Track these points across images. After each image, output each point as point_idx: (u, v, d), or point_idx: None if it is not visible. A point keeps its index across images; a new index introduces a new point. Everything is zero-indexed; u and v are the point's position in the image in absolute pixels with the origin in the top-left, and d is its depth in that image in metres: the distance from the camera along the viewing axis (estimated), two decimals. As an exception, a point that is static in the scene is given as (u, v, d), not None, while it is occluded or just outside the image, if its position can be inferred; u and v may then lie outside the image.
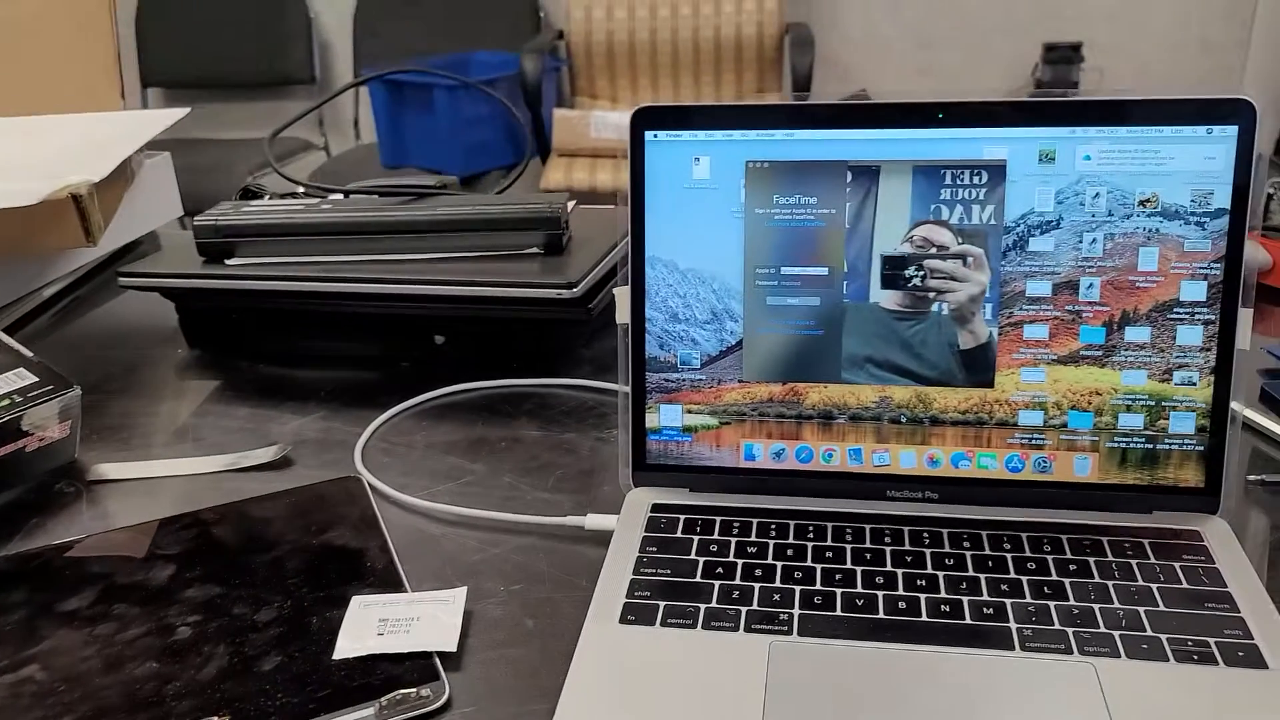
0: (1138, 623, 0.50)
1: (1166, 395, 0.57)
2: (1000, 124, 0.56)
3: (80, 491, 0.70)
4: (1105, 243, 0.56)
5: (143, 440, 0.77)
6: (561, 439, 0.74)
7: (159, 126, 1.03)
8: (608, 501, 0.66)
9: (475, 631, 0.54)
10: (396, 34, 3.25)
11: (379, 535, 0.62)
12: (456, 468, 0.71)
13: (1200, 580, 0.53)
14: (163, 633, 0.54)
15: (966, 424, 0.59)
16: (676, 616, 0.53)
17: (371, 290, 0.81)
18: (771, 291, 0.60)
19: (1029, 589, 0.53)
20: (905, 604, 0.53)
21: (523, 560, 0.60)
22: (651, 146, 0.60)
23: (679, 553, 0.57)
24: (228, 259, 0.85)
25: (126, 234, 1.10)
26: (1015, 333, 0.58)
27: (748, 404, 0.61)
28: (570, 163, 2.85)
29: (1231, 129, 0.54)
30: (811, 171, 0.58)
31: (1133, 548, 0.56)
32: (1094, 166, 0.56)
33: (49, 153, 0.95)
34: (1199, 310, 0.56)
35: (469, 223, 0.83)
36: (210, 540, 0.62)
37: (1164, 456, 0.58)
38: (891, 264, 0.58)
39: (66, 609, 0.57)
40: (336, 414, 0.79)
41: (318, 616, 0.55)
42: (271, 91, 3.44)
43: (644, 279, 0.61)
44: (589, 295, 0.79)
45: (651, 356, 0.62)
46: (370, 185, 0.91)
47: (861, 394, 0.60)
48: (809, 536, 0.58)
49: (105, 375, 0.87)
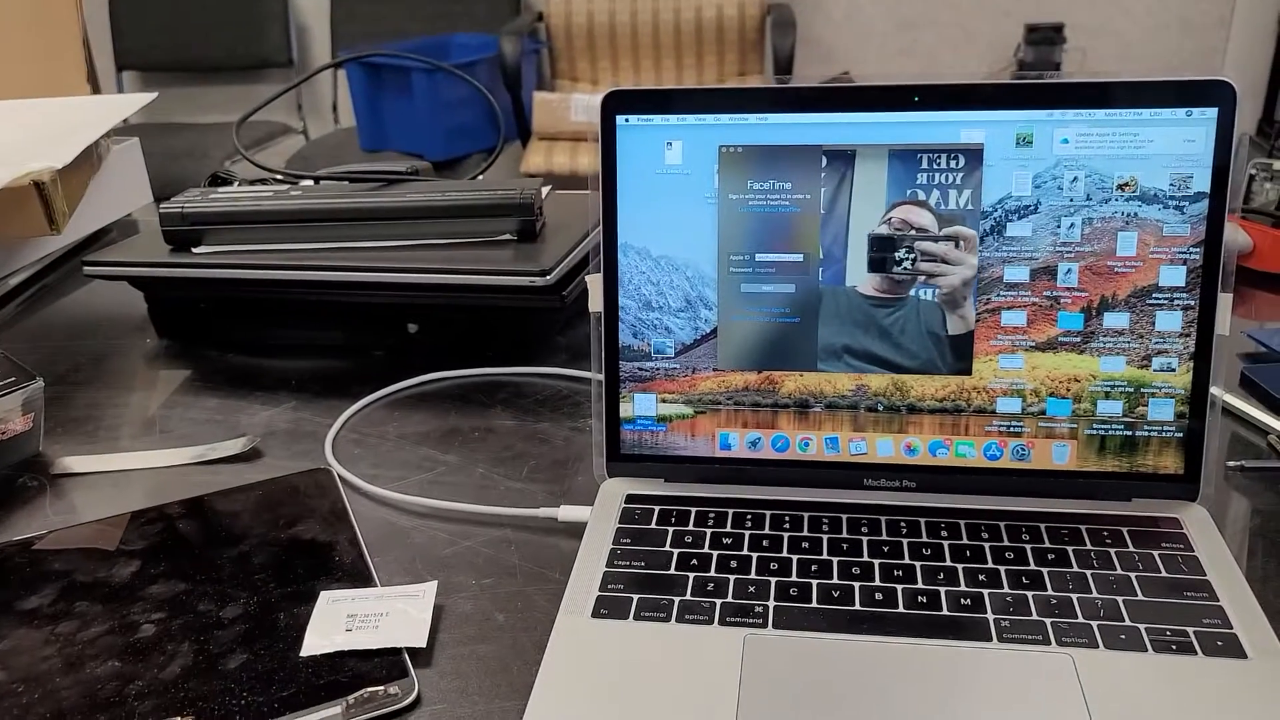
0: (1116, 612, 0.50)
1: (1145, 381, 0.57)
2: (977, 107, 0.55)
3: (44, 485, 0.69)
4: (1084, 227, 0.56)
5: (109, 432, 0.75)
6: (536, 429, 0.73)
7: (126, 111, 1.01)
8: (582, 492, 0.65)
9: (446, 627, 0.53)
10: (375, 17, 3.21)
11: (349, 528, 0.61)
12: (429, 459, 0.69)
13: (1179, 569, 0.52)
14: (125, 631, 0.53)
15: (944, 412, 0.59)
16: (650, 609, 0.52)
17: (342, 278, 0.79)
18: (746, 278, 0.59)
19: (1007, 579, 0.52)
20: (882, 595, 0.52)
21: (494, 553, 0.59)
22: (623, 131, 0.58)
23: (653, 544, 0.56)
24: (195, 247, 0.84)
25: (94, 221, 1.08)
26: (993, 319, 0.57)
27: (723, 393, 0.60)
28: (551, 146, 2.83)
29: (1211, 111, 0.54)
30: (786, 156, 0.57)
31: (1111, 536, 0.55)
32: (1072, 150, 0.55)
33: (10, 138, 0.93)
34: (1178, 295, 0.56)
35: (441, 209, 0.81)
36: (176, 535, 0.61)
37: (1143, 443, 0.57)
38: (879, 245, 0.57)
39: (26, 607, 0.55)
40: (307, 404, 0.77)
41: (285, 613, 0.54)
42: (248, 75, 3.40)
43: (616, 267, 0.60)
44: (562, 283, 0.78)
45: (625, 345, 0.61)
46: (341, 171, 0.90)
47: (838, 382, 0.59)
48: (785, 527, 0.57)
49: (72, 366, 0.86)
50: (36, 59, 1.12)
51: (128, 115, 1.00)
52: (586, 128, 2.51)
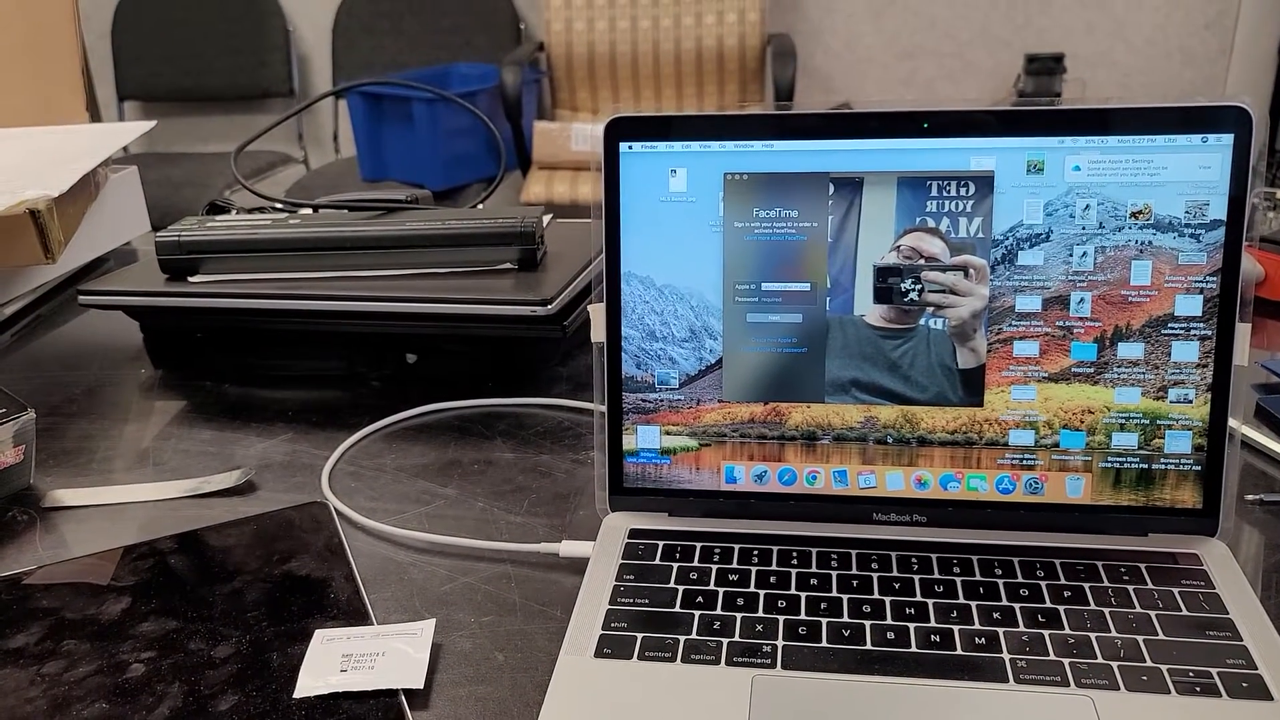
0: (1136, 652, 0.48)
1: (1161, 413, 0.55)
2: (987, 134, 0.54)
3: (35, 519, 0.67)
4: (1096, 256, 0.54)
5: (102, 465, 0.74)
6: (537, 461, 0.71)
7: (124, 139, 1.00)
8: (584, 527, 0.63)
9: (444, 666, 0.52)
10: (376, 47, 3.22)
11: (345, 564, 0.60)
12: (427, 492, 0.68)
13: (1200, 606, 0.51)
14: (114, 671, 0.51)
15: (955, 444, 0.57)
16: (655, 649, 0.50)
17: (340, 308, 0.78)
18: (752, 308, 0.58)
19: (1022, 617, 0.51)
20: (894, 634, 0.50)
21: (494, 590, 0.58)
22: (626, 158, 0.57)
23: (657, 581, 0.55)
24: (191, 276, 0.83)
25: (91, 250, 1.07)
26: (1005, 349, 0.56)
27: (728, 425, 0.59)
28: (551, 175, 2.83)
29: (1227, 137, 0.52)
30: (792, 183, 0.56)
31: (1129, 572, 0.53)
32: (1084, 177, 0.54)
33: (6, 166, 0.93)
34: (1194, 325, 0.54)
35: (440, 238, 0.80)
36: (167, 571, 0.60)
37: (1160, 477, 0.56)
38: (884, 275, 0.56)
39: (12, 646, 0.54)
40: (304, 436, 0.76)
41: (278, 652, 0.52)
42: (250, 105, 3.41)
43: (619, 296, 0.58)
44: (564, 312, 0.77)
45: (628, 376, 0.59)
46: (340, 199, 0.89)
47: (846, 414, 0.58)
48: (793, 563, 0.55)
49: (66, 397, 0.84)
50: (35, 88, 1.12)
51: (126, 144, 1.00)
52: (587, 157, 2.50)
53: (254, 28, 3.29)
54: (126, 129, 1.03)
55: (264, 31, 3.29)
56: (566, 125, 2.84)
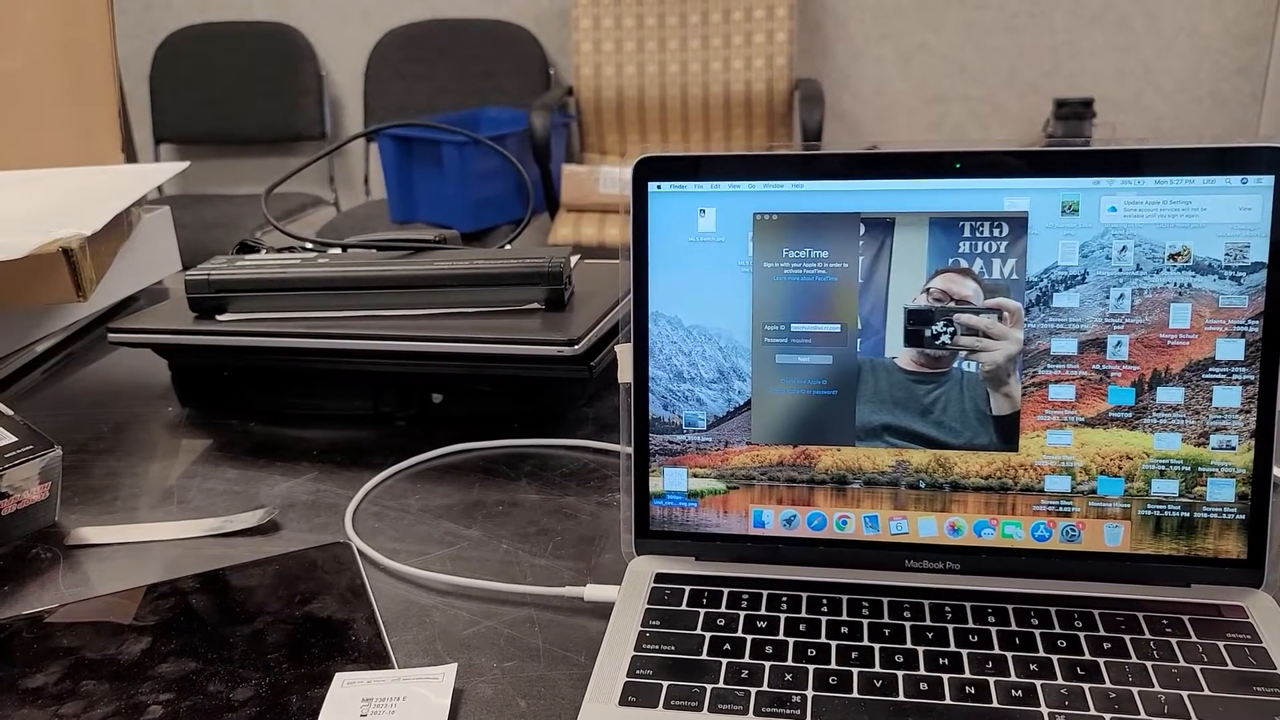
0: (1181, 709, 0.46)
1: (1203, 460, 0.54)
2: (1020, 174, 0.54)
3: (58, 557, 0.67)
4: (1134, 298, 0.53)
5: (127, 503, 0.74)
6: (562, 503, 0.70)
7: (157, 180, 1.01)
8: (609, 570, 0.62)
9: (465, 713, 0.51)
10: (407, 92, 3.26)
11: (367, 606, 0.59)
12: (451, 533, 0.67)
13: (1247, 661, 0.49)
14: (131, 712, 0.51)
15: (989, 490, 0.56)
16: (681, 698, 0.49)
17: (367, 347, 0.78)
18: (781, 349, 0.57)
19: (1060, 670, 0.49)
20: (927, 685, 0.49)
21: (517, 634, 0.57)
22: (655, 198, 0.57)
23: (684, 627, 0.54)
24: (220, 315, 0.83)
25: (122, 289, 1.08)
26: (1040, 393, 0.55)
27: (757, 468, 0.58)
28: (579, 218, 2.85)
29: (1268, 179, 0.51)
30: (822, 224, 0.56)
31: (1171, 624, 0.52)
32: (1120, 218, 0.53)
33: (42, 205, 0.94)
34: (1236, 370, 0.53)
35: (468, 278, 0.80)
36: (188, 610, 0.59)
37: (1202, 525, 0.54)
38: (915, 318, 0.55)
39: (32, 685, 0.53)
40: (328, 475, 0.75)
41: (298, 695, 0.51)
42: (283, 148, 3.45)
43: (647, 336, 0.58)
44: (591, 352, 0.76)
45: (655, 417, 0.59)
46: (368, 239, 0.89)
47: (877, 457, 0.57)
48: (823, 610, 0.54)
49: (93, 434, 0.85)
50: (74, 130, 1.13)
51: (159, 184, 1.01)
52: (615, 200, 2.50)
53: (288, 72, 3.34)
54: (160, 170, 1.04)
55: (298, 75, 3.34)
56: (595, 168, 2.86)
